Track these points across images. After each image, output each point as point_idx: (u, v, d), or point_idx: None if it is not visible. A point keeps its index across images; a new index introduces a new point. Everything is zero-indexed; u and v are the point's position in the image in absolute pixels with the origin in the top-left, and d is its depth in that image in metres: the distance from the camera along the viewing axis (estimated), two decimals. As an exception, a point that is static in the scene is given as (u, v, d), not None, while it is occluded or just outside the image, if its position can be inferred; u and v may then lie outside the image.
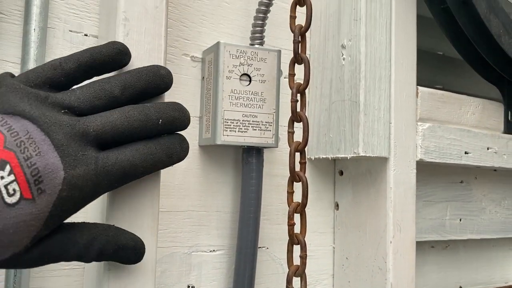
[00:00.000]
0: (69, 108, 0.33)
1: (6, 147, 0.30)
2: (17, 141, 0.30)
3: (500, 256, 0.82)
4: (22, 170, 0.29)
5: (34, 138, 0.31)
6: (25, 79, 0.33)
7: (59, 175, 0.31)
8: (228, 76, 0.50)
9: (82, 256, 0.34)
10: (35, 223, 0.30)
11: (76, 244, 0.33)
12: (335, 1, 0.58)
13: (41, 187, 0.30)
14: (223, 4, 0.56)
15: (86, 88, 0.34)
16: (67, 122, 0.32)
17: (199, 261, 0.54)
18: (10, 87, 0.32)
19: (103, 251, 0.34)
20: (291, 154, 0.45)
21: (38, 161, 0.30)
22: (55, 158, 0.31)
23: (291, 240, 0.45)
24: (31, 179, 0.30)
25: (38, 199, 0.30)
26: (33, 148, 0.30)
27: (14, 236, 0.30)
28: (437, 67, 0.90)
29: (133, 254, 0.36)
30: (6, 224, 0.29)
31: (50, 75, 0.34)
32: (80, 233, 0.33)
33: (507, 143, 0.68)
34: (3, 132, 0.30)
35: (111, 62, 0.36)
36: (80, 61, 0.35)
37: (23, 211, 0.30)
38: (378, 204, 0.56)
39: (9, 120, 0.31)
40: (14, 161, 0.29)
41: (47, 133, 0.31)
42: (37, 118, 0.31)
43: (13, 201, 0.29)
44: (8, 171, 0.29)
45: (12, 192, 0.29)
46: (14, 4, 0.46)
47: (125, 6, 0.41)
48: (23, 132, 0.30)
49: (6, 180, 0.29)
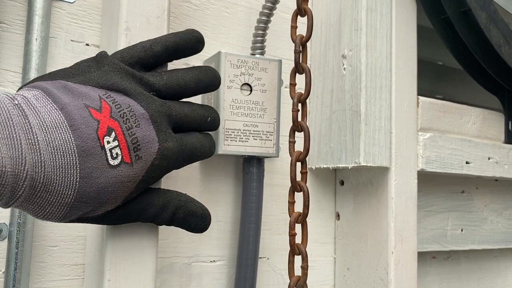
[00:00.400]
0: (157, 91, 0.37)
1: (112, 116, 0.34)
2: (121, 112, 0.34)
3: (502, 266, 0.82)
4: (124, 138, 0.34)
5: (135, 111, 0.35)
6: (121, 58, 0.37)
7: (155, 145, 0.35)
8: (229, 86, 0.50)
9: (156, 217, 0.38)
10: (130, 185, 0.35)
11: (153, 206, 0.37)
12: (336, 12, 0.59)
13: (139, 154, 0.34)
14: (224, 14, 0.57)
15: (171, 75, 0.39)
16: (159, 102, 0.37)
17: (199, 271, 0.53)
18: (112, 66, 0.36)
19: (175, 215, 0.38)
20: (292, 164, 0.45)
21: (137, 131, 0.34)
22: (151, 131, 0.35)
23: (292, 250, 0.45)
24: (131, 146, 0.34)
25: (135, 164, 0.34)
26: (134, 120, 0.35)
27: (111, 194, 0.34)
28: (437, 77, 0.90)
29: (201, 221, 0.40)
30: (108, 183, 0.33)
31: (141, 56, 0.38)
32: (156, 197, 0.38)
33: (508, 153, 0.68)
34: (108, 104, 0.34)
35: (190, 48, 0.40)
36: (167, 46, 0.39)
37: (122, 173, 0.34)
38: (380, 214, 0.56)
39: (112, 94, 0.35)
40: (118, 129, 0.34)
41: (146, 109, 0.35)
42: (137, 95, 0.35)
43: (115, 163, 0.33)
44: (113, 137, 0.33)
45: (115, 155, 0.33)
46: (16, 14, 0.46)
47: (127, 16, 0.41)
48: (125, 105, 0.35)
49: (111, 145, 0.33)
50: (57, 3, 0.48)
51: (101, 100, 0.34)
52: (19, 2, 0.46)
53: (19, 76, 0.46)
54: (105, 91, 0.35)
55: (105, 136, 0.33)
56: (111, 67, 0.36)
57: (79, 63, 0.37)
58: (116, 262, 0.39)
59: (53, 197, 0.31)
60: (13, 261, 0.42)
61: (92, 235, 0.46)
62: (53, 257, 0.46)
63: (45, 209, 0.32)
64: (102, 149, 0.33)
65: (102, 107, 0.34)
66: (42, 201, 0.31)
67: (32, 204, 0.31)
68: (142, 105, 0.35)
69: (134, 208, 0.37)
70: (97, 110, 0.33)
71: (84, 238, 0.48)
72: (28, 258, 0.43)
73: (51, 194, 0.31)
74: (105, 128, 0.33)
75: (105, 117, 0.33)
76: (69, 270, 0.47)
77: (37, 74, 0.44)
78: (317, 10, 0.61)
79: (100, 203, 0.34)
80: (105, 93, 0.35)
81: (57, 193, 0.31)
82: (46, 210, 0.32)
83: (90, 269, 0.45)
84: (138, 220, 0.38)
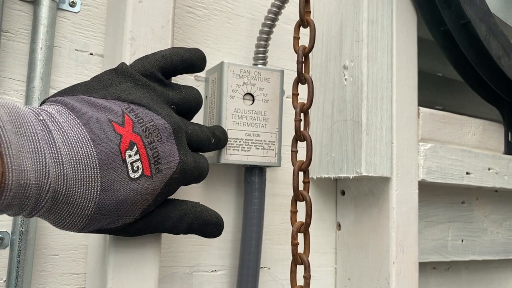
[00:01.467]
0: (176, 105, 0.39)
1: (134, 131, 0.35)
2: (143, 127, 0.35)
3: (502, 277, 0.81)
4: (146, 152, 0.35)
5: (158, 126, 0.36)
6: (142, 67, 0.38)
7: (175, 159, 0.36)
8: (231, 96, 0.50)
9: (174, 229, 0.39)
10: (148, 197, 0.35)
11: (170, 219, 0.38)
12: (337, 23, 0.59)
13: (159, 167, 0.35)
14: (227, 25, 0.57)
15: (188, 90, 0.40)
16: (179, 118, 0.38)
17: (200, 281, 0.53)
18: (135, 82, 0.37)
19: (192, 225, 0.39)
20: (295, 173, 0.45)
21: (159, 145, 0.35)
22: (172, 145, 0.36)
23: (295, 260, 0.45)
24: (152, 160, 0.35)
25: (155, 177, 0.35)
26: (156, 134, 0.35)
27: (130, 206, 0.34)
28: (437, 88, 0.91)
29: (215, 229, 0.41)
30: (127, 195, 0.34)
31: (162, 65, 0.39)
32: (173, 209, 0.38)
33: (508, 163, 0.68)
34: (131, 118, 0.35)
35: (198, 66, 0.42)
36: (184, 59, 0.40)
37: (141, 186, 0.34)
38: (381, 225, 0.56)
39: (135, 108, 0.36)
40: (140, 143, 0.35)
41: (170, 123, 0.36)
42: (159, 110, 0.36)
43: (135, 176, 0.34)
44: (135, 151, 0.34)
45: (136, 168, 0.34)
46: (22, 23, 0.46)
47: (132, 26, 0.41)
48: (148, 119, 0.36)
49: (132, 158, 0.34)
50: (62, 12, 0.48)
51: (123, 115, 0.35)
52: (24, 12, 0.46)
53: (24, 85, 0.46)
54: (128, 104, 0.36)
55: (127, 150, 0.34)
56: (133, 83, 0.37)
57: (100, 76, 0.37)
58: (119, 272, 0.39)
59: (74, 208, 0.32)
60: (15, 269, 0.42)
61: (94, 244, 0.45)
62: (55, 266, 0.46)
63: (65, 219, 0.33)
64: (124, 163, 0.34)
65: (125, 122, 0.35)
66: (63, 212, 0.32)
67: (54, 214, 0.32)
68: (166, 119, 0.36)
69: (152, 221, 0.37)
70: (120, 125, 0.34)
71: (85, 247, 0.48)
72: (30, 267, 0.43)
73: (72, 206, 0.32)
74: (127, 142, 0.34)
75: (128, 132, 0.34)
76: (71, 279, 0.47)
77: (41, 83, 0.45)
78: (319, 22, 0.62)
79: (118, 215, 0.35)
80: (128, 106, 0.35)
81: (77, 205, 0.32)
82: (66, 220, 0.33)
83: (91, 278, 0.45)
84: (156, 232, 0.39)
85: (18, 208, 0.30)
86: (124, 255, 0.39)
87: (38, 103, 0.44)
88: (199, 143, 0.41)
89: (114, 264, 0.39)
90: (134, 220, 0.36)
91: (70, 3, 0.48)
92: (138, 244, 0.40)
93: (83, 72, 0.49)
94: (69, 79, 0.48)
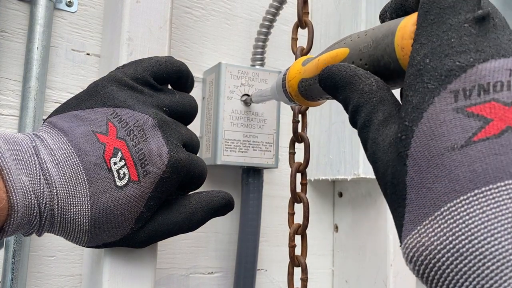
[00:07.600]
0: (169, 107, 0.37)
1: (118, 136, 0.34)
2: (127, 130, 0.34)
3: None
4: (131, 155, 0.34)
5: (142, 125, 0.35)
6: (134, 72, 0.37)
7: (164, 157, 0.34)
8: (229, 96, 0.50)
9: (185, 230, 0.37)
10: (137, 204, 0.34)
11: (177, 223, 0.37)
12: (335, 24, 0.59)
13: (147, 169, 0.34)
14: (225, 26, 0.57)
15: (183, 95, 0.39)
16: (168, 118, 0.36)
17: (197, 283, 0.53)
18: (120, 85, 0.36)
19: (202, 220, 0.38)
20: (292, 175, 0.45)
21: (144, 146, 0.34)
22: (160, 142, 0.35)
23: (292, 262, 0.45)
24: (138, 162, 0.34)
25: (143, 180, 0.34)
26: (141, 135, 0.34)
27: (120, 217, 0.34)
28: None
29: (226, 210, 0.40)
30: (115, 206, 0.33)
31: (155, 70, 0.38)
32: (177, 213, 0.37)
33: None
34: (115, 124, 0.34)
35: (189, 82, 0.40)
36: (179, 69, 0.39)
37: (129, 193, 0.33)
38: (378, 227, 0.56)
39: (119, 111, 0.35)
40: (124, 147, 0.34)
41: (155, 118, 0.35)
42: (145, 108, 0.35)
43: (122, 183, 0.33)
44: (119, 157, 0.33)
45: (122, 175, 0.33)
46: (18, 23, 0.46)
47: (129, 26, 0.41)
48: (132, 121, 0.35)
49: (118, 165, 0.33)
50: (58, 12, 0.48)
51: (107, 123, 0.34)
52: (20, 11, 0.46)
53: (20, 84, 0.45)
54: (112, 109, 0.35)
55: (111, 157, 0.33)
56: (118, 86, 0.36)
57: (90, 84, 0.37)
58: (115, 274, 0.39)
59: (72, 225, 0.33)
60: (10, 271, 0.42)
61: (89, 245, 0.45)
62: (50, 267, 0.46)
63: (70, 236, 0.34)
64: (110, 172, 0.33)
65: (109, 130, 0.34)
66: (65, 229, 0.33)
67: (58, 231, 0.33)
68: (152, 116, 0.35)
69: (157, 229, 0.36)
70: (103, 134, 0.34)
71: (81, 248, 0.47)
72: (25, 268, 0.43)
73: (69, 223, 0.33)
74: (111, 150, 0.34)
75: (111, 139, 0.34)
76: (66, 280, 0.46)
77: (37, 83, 0.44)
78: (316, 23, 0.62)
79: (113, 227, 0.34)
80: (112, 112, 0.35)
81: (73, 221, 0.33)
82: (70, 236, 0.34)
83: (87, 280, 0.45)
84: (167, 237, 0.37)
85: (28, 227, 0.31)
86: (120, 257, 0.39)
87: (34, 102, 0.44)
88: (194, 147, 0.39)
89: (110, 266, 0.39)
90: (132, 230, 0.35)
91: (67, 2, 0.48)
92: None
93: (80, 72, 0.49)
94: (66, 79, 0.48)
